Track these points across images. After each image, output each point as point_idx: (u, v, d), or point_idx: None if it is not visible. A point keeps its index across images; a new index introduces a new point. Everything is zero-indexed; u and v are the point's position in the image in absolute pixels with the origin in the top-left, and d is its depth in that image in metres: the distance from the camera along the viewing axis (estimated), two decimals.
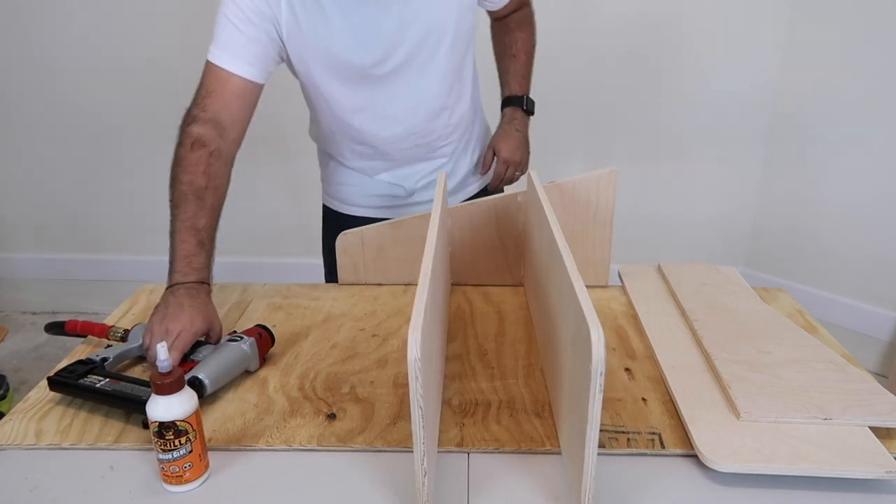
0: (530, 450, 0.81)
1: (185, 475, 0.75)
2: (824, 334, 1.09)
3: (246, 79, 1.05)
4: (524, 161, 1.34)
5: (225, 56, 1.05)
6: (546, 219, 0.91)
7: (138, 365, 1.01)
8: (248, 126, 1.10)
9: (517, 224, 1.25)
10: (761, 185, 2.33)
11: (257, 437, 0.84)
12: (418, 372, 0.63)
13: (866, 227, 2.08)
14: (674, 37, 2.17)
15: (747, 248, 2.44)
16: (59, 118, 2.42)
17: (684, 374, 0.93)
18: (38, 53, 2.33)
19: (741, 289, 1.19)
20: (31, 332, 2.54)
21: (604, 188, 1.19)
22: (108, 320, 1.16)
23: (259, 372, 0.99)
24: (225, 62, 1.05)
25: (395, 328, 1.12)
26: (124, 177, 2.48)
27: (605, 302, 1.21)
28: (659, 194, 2.41)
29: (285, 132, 2.40)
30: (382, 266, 1.28)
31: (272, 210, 2.52)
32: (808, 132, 2.15)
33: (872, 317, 2.11)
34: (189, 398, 0.73)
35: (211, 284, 0.98)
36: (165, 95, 2.36)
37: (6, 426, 0.86)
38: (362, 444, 0.82)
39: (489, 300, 1.23)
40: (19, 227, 2.61)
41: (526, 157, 1.34)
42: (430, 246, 0.81)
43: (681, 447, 0.81)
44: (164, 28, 2.26)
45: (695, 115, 2.27)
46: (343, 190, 1.33)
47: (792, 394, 0.85)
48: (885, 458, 0.75)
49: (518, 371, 0.98)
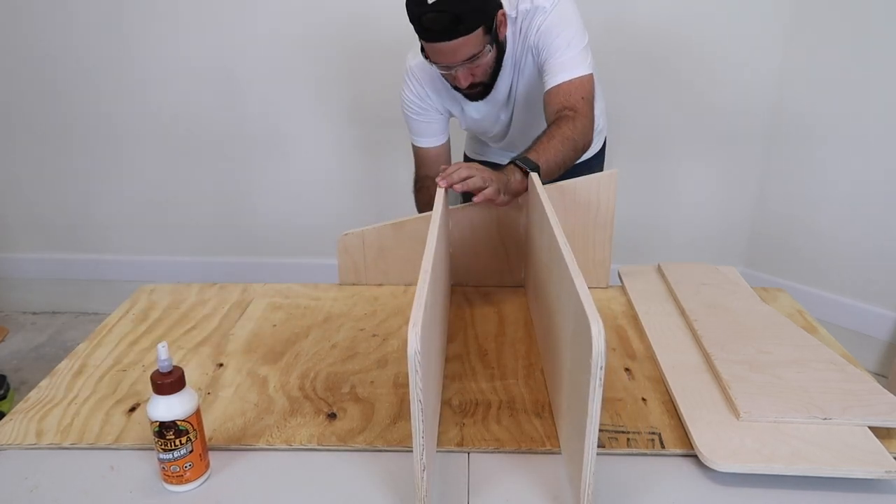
0: (530, 450, 0.81)
1: (185, 475, 0.75)
2: (824, 334, 1.09)
3: (436, 146, 1.50)
4: (487, 181, 1.14)
5: (418, 139, 1.50)
6: (546, 218, 0.91)
7: (137, 365, 1.01)
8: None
9: (518, 225, 1.25)
10: (761, 185, 2.33)
11: (258, 436, 0.84)
12: (418, 366, 0.63)
13: (866, 226, 2.08)
14: (673, 37, 2.17)
15: (747, 248, 2.43)
16: (60, 118, 2.42)
17: (684, 374, 0.93)
18: (38, 53, 2.33)
19: (741, 289, 1.19)
20: (32, 332, 2.54)
21: (604, 189, 1.19)
22: (108, 320, 1.16)
23: (259, 371, 0.99)
24: (420, 143, 1.50)
25: (396, 328, 1.12)
26: (124, 177, 2.48)
27: (605, 302, 1.21)
28: (659, 194, 2.41)
29: (285, 132, 2.40)
30: (383, 266, 1.29)
31: (272, 210, 2.52)
32: (807, 132, 2.15)
33: (872, 317, 2.11)
34: (190, 398, 0.73)
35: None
36: (165, 96, 2.37)
37: (7, 426, 0.86)
38: (362, 443, 0.82)
39: (489, 301, 1.23)
40: (19, 227, 2.61)
41: (489, 184, 1.13)
42: (430, 246, 0.81)
43: (681, 447, 0.81)
44: (164, 28, 2.26)
45: (695, 115, 2.27)
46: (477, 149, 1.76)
47: (792, 394, 0.85)
48: (884, 458, 0.75)
49: (518, 371, 0.98)
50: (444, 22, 1.15)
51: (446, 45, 1.19)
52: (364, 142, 2.40)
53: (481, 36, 1.21)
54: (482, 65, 1.27)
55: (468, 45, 1.20)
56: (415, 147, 1.52)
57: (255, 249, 2.58)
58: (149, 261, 2.59)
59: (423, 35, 1.21)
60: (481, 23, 1.19)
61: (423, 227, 1.23)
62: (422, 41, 1.23)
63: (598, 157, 1.65)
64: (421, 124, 1.47)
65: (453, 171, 1.11)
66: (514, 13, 1.31)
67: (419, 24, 1.18)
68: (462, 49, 1.20)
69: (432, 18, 1.15)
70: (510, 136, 1.53)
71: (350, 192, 2.49)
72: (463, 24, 1.16)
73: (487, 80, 1.32)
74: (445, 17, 1.15)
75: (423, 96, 1.44)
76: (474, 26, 1.18)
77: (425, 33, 1.19)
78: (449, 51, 1.20)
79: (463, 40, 1.18)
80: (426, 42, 1.21)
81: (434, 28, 1.17)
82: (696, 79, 2.22)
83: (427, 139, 1.49)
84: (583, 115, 1.26)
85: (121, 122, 2.41)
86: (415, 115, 1.46)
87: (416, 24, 1.19)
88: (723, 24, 2.14)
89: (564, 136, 1.22)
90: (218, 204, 2.52)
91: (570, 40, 1.28)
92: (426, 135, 1.49)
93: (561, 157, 1.21)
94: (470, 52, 1.21)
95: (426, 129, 1.48)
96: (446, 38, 1.18)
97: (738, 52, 2.17)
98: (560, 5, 1.29)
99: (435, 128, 1.48)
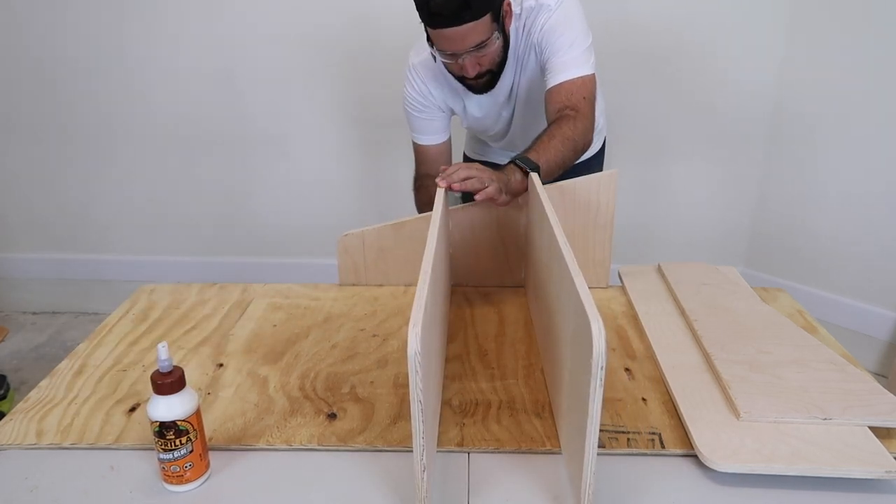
0: (530, 450, 0.81)
1: (185, 475, 0.75)
2: (824, 334, 1.09)
3: (437, 144, 1.50)
4: (487, 181, 1.13)
5: (419, 136, 1.49)
6: (546, 217, 0.91)
7: (138, 365, 1.02)
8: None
9: (518, 226, 1.25)
10: (761, 185, 2.33)
11: (258, 436, 0.84)
12: (418, 366, 0.63)
13: (866, 226, 2.08)
14: (673, 37, 2.17)
15: (747, 248, 2.43)
16: (60, 118, 2.42)
17: (684, 374, 0.93)
18: (38, 53, 2.33)
19: (741, 289, 1.19)
20: (32, 332, 2.54)
21: (604, 189, 1.19)
22: (108, 320, 1.16)
23: (259, 371, 0.99)
24: (421, 140, 1.50)
25: (396, 328, 1.12)
26: (125, 177, 2.48)
27: (605, 302, 1.21)
28: (659, 194, 2.41)
29: (286, 132, 2.40)
30: (383, 267, 1.29)
31: (272, 210, 2.52)
32: (807, 132, 2.15)
33: (872, 317, 2.11)
34: (190, 398, 0.73)
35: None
36: (166, 96, 2.37)
37: (7, 426, 0.86)
38: (362, 443, 0.82)
39: (489, 301, 1.23)
40: (19, 227, 2.61)
41: (489, 184, 1.12)
42: (430, 246, 0.81)
43: (681, 447, 0.81)
44: (165, 28, 2.26)
45: (695, 115, 2.27)
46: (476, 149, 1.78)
47: (792, 394, 0.85)
48: (884, 458, 0.75)
49: (518, 371, 0.98)
50: (452, 7, 1.15)
51: (454, 30, 1.18)
52: (364, 142, 2.40)
53: (489, 23, 1.20)
54: (489, 53, 1.26)
55: (476, 31, 1.19)
56: (415, 145, 1.52)
57: (255, 249, 2.58)
58: (149, 261, 2.59)
59: (430, 21, 1.20)
60: (489, 9, 1.19)
61: (423, 227, 1.23)
62: (428, 29, 1.22)
63: (598, 156, 1.65)
64: (422, 121, 1.47)
65: (453, 171, 1.11)
66: (518, 10, 1.31)
67: (427, 10, 1.17)
68: (470, 35, 1.19)
69: (440, 3, 1.15)
70: (511, 134, 1.53)
71: (350, 193, 2.49)
72: (471, 9, 1.16)
73: (495, 68, 1.31)
74: (454, 3, 1.14)
75: (425, 93, 1.44)
76: (482, 12, 1.17)
77: (433, 19, 1.18)
78: (457, 37, 1.20)
79: (471, 26, 1.18)
80: (433, 29, 1.21)
81: (442, 13, 1.16)
82: (696, 79, 2.22)
83: (428, 137, 1.49)
84: (584, 115, 1.26)
85: (121, 122, 2.41)
86: (416, 113, 1.46)
87: (423, 11, 1.18)
88: (723, 24, 2.15)
89: (565, 135, 1.22)
90: (218, 204, 2.52)
91: (573, 39, 1.28)
92: (427, 132, 1.49)
93: (561, 158, 1.21)
94: (478, 38, 1.20)
95: (427, 127, 1.48)
96: (454, 24, 1.17)
97: (738, 53, 2.17)
98: (565, 4, 1.29)
99: (436, 125, 1.48)
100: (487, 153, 1.69)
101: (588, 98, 1.28)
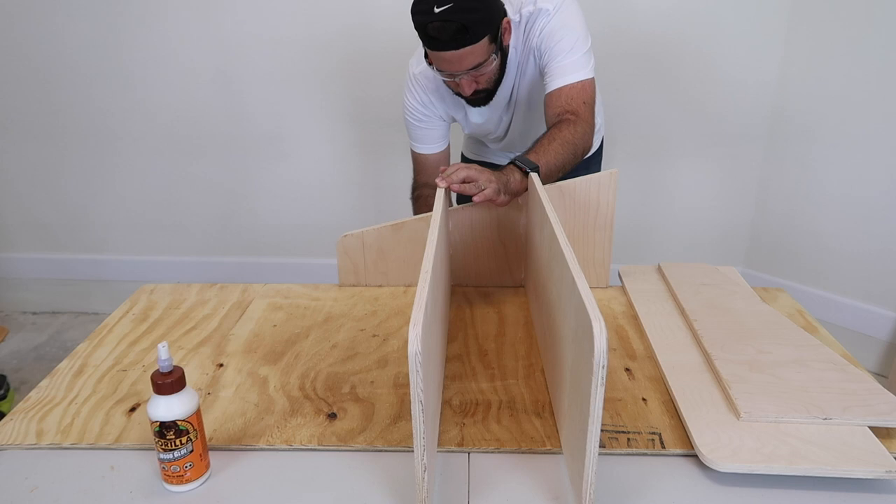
0: (530, 450, 0.81)
1: (185, 475, 0.75)
2: (824, 334, 1.09)
3: (436, 153, 1.51)
4: (486, 182, 1.13)
5: (418, 145, 1.50)
6: (547, 217, 0.91)
7: (138, 365, 1.02)
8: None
9: (518, 225, 1.25)
10: (761, 184, 2.33)
11: (258, 436, 0.84)
12: (419, 366, 0.63)
13: (866, 226, 2.08)
14: (673, 37, 2.17)
15: (747, 248, 2.43)
16: (60, 118, 2.42)
17: (684, 374, 0.93)
18: (38, 53, 2.33)
19: (741, 289, 1.19)
20: (32, 332, 2.54)
21: (604, 190, 1.19)
22: (108, 320, 1.17)
23: (260, 371, 0.99)
24: (420, 150, 1.51)
25: (396, 329, 1.12)
26: (125, 177, 2.48)
27: (605, 302, 1.21)
28: (659, 194, 2.41)
29: (286, 133, 2.40)
30: (383, 268, 1.29)
31: (273, 210, 2.52)
32: (807, 132, 2.15)
33: (872, 317, 2.11)
34: (190, 398, 0.73)
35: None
36: (166, 96, 2.37)
37: (7, 426, 0.86)
38: (362, 443, 0.82)
39: (489, 301, 1.23)
40: (20, 227, 2.61)
41: (487, 185, 1.12)
42: (430, 247, 0.81)
43: (681, 447, 0.81)
44: (164, 28, 2.26)
45: (694, 115, 2.27)
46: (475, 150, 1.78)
47: (792, 394, 0.85)
48: (884, 457, 0.75)
49: (518, 371, 0.98)
50: (450, 31, 1.15)
51: (452, 53, 1.18)
52: (364, 143, 2.40)
53: (487, 45, 1.20)
54: (486, 73, 1.27)
55: (473, 54, 1.19)
56: (414, 153, 1.53)
57: (255, 249, 2.58)
58: (149, 261, 2.59)
59: (428, 44, 1.20)
60: (487, 32, 1.19)
61: (423, 228, 1.23)
62: (427, 49, 1.23)
63: (596, 156, 1.65)
64: (423, 131, 1.48)
65: (452, 171, 1.11)
66: (517, 17, 1.31)
67: (425, 32, 1.17)
68: (467, 58, 1.20)
69: (438, 27, 1.15)
70: (510, 137, 1.53)
71: (350, 194, 2.49)
72: (469, 33, 1.16)
73: (491, 87, 1.32)
74: (452, 27, 1.14)
75: (426, 103, 1.44)
76: (480, 36, 1.18)
77: (431, 42, 1.19)
78: (455, 59, 1.20)
79: (468, 49, 1.18)
80: (431, 50, 1.21)
81: (440, 37, 1.16)
82: (696, 79, 2.22)
83: (428, 146, 1.50)
84: (584, 119, 1.26)
85: (121, 123, 2.41)
86: (417, 122, 1.46)
87: (421, 33, 1.18)
88: (723, 24, 2.15)
89: (565, 139, 1.22)
90: (218, 204, 2.52)
91: (572, 44, 1.28)
92: (427, 141, 1.49)
93: (560, 161, 1.21)
94: (475, 61, 1.21)
95: (427, 136, 1.48)
96: (452, 48, 1.17)
97: (738, 53, 2.17)
98: (564, 9, 1.29)
99: (436, 134, 1.49)
100: (486, 154, 1.69)
101: (588, 102, 1.28)
